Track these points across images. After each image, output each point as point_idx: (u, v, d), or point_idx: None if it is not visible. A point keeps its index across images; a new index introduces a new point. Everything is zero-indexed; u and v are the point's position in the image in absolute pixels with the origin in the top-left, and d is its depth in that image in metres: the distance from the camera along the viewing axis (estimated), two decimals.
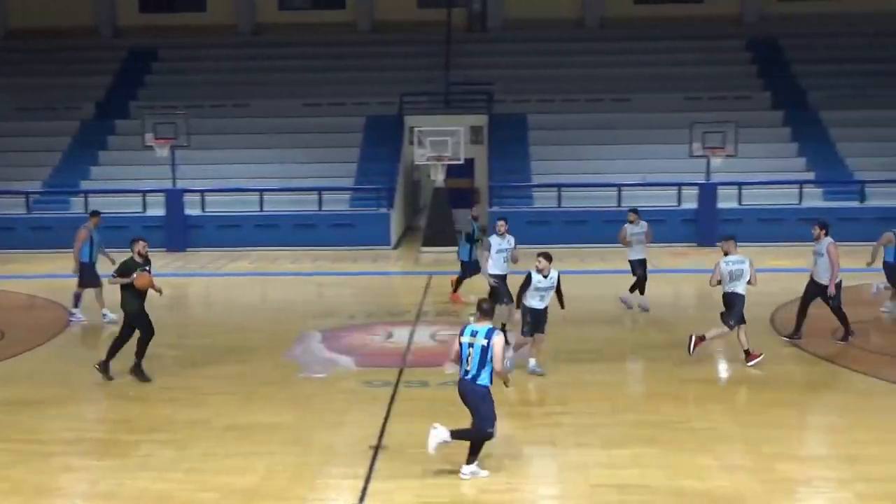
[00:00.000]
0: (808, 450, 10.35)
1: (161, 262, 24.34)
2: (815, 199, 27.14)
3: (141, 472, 9.65)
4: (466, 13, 35.88)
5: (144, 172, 28.39)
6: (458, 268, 19.14)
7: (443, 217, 26.62)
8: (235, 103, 32.25)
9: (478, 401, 9.37)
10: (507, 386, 10.03)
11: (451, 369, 10.12)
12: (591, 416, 11.43)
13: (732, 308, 13.59)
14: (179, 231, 26.94)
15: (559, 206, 26.99)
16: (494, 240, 15.63)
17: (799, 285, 15.52)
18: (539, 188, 27.92)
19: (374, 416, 11.37)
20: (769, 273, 21.65)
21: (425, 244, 26.52)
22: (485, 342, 9.29)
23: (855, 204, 26.77)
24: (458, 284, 19.11)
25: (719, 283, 13.72)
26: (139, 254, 13.11)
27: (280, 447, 10.36)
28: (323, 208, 27.42)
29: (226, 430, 10.96)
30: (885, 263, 16.34)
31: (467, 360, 9.36)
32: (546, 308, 13.09)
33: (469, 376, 9.38)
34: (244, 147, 30.40)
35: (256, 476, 9.51)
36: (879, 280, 16.81)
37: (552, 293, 13.00)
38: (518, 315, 13.53)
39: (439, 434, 9.39)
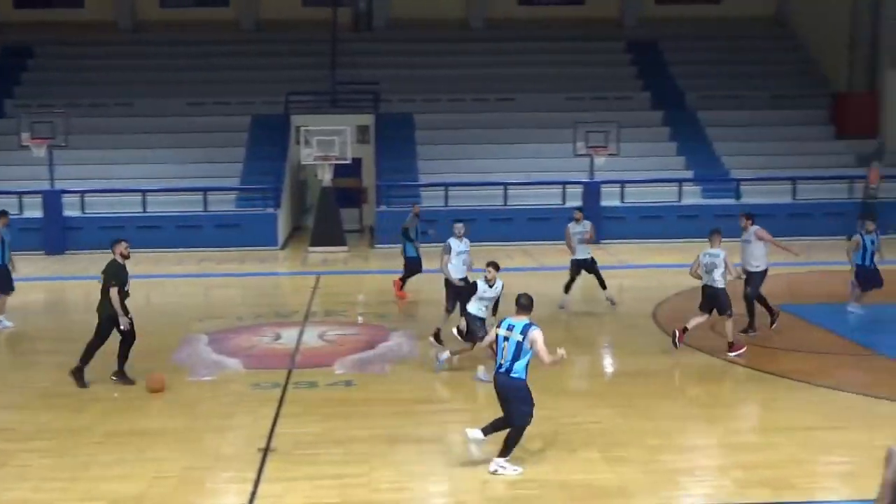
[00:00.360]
0: (691, 440, 10.66)
1: (39, 265, 23.65)
2: (693, 196, 27.93)
3: (19, 483, 9.36)
4: (352, 12, 35.77)
5: (21, 173, 27.48)
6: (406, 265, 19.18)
7: (330, 217, 26.51)
8: (117, 102, 31.46)
9: (512, 393, 9.55)
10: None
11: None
12: (480, 412, 11.50)
13: (717, 300, 14.01)
14: (57, 233, 26.17)
15: (446, 206, 27.15)
16: (454, 242, 15.16)
17: (680, 280, 15.97)
18: (426, 187, 28.04)
19: (263, 418, 11.27)
20: (651, 269, 22.28)
21: (313, 244, 26.37)
22: (520, 337, 9.45)
23: (731, 201, 27.63)
24: (403, 281, 19.12)
25: (699, 275, 14.18)
26: (122, 255, 12.76)
27: (166, 453, 10.17)
28: (208, 209, 26.98)
29: (109, 436, 10.71)
30: (857, 267, 16.66)
31: (502, 353, 9.55)
32: (485, 318, 12.86)
33: (503, 369, 9.55)
34: (126, 147, 29.69)
35: (143, 483, 9.32)
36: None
37: (493, 302, 12.85)
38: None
39: (474, 435, 9.68)
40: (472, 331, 12.72)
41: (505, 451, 9.55)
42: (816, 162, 29.42)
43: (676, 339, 14.15)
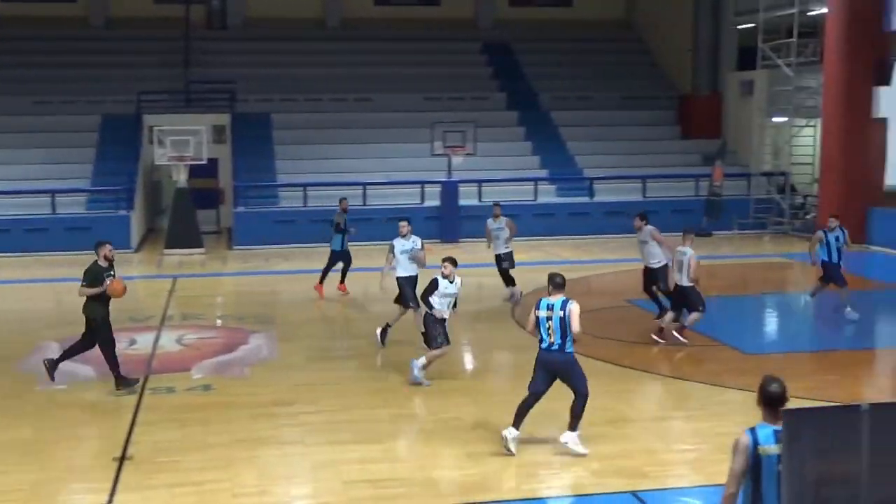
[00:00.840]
0: (549, 433, 10.90)
1: None
2: (549, 195, 28.53)
3: None
4: (205, 10, 35.08)
5: None
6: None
7: (186, 218, 25.96)
8: None
9: (571, 367, 9.93)
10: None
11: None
12: (342, 413, 11.56)
13: (688, 298, 14.45)
14: None
15: (305, 206, 26.97)
16: (398, 242, 15.02)
17: (535, 277, 16.28)
18: (285, 188, 27.80)
19: (119, 426, 10.99)
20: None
21: (168, 246, 25.78)
22: (562, 314, 9.82)
23: (585, 199, 28.36)
24: (324, 275, 19.07)
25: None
26: (105, 258, 12.31)
27: (16, 465, 9.82)
28: (57, 211, 26.06)
29: None
30: (822, 263, 16.46)
31: (549, 333, 9.88)
32: (447, 318, 12.69)
33: (556, 347, 9.89)
34: None
35: None
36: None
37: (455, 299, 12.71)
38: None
39: (511, 433, 10.00)
40: (432, 336, 12.54)
41: (574, 423, 10.01)
42: (664, 161, 30.50)
43: (658, 338, 14.64)
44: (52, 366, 12.63)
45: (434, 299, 12.48)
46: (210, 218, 29.44)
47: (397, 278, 14.90)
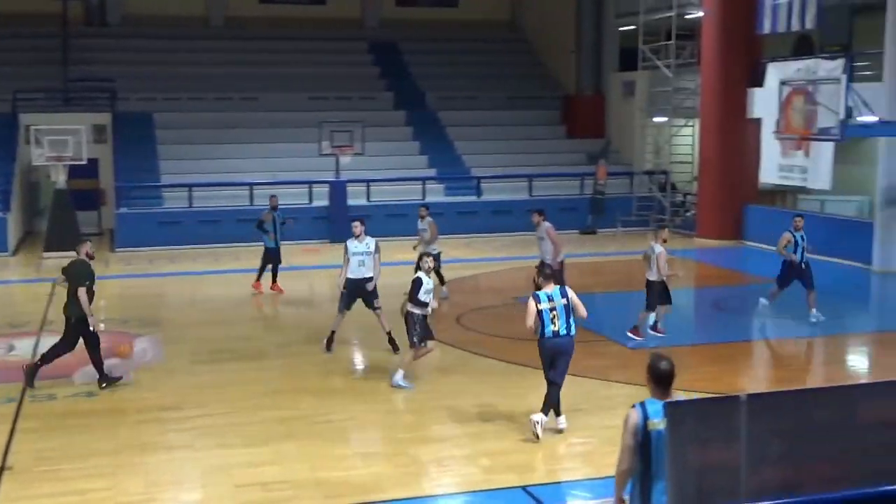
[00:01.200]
0: (438, 431, 11.00)
1: None
2: (437, 194, 28.64)
3: None
4: (83, 6, 34.14)
5: None
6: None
7: (66, 220, 25.20)
8: None
9: (571, 351, 10.60)
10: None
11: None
12: (231, 416, 11.43)
13: (649, 293, 14.84)
14: None
15: (191, 206, 26.50)
16: (350, 243, 14.56)
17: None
18: (169, 188, 27.26)
19: None
20: (397, 266, 22.65)
21: (47, 249, 24.98)
22: (564, 301, 10.37)
23: (473, 198, 28.60)
24: (260, 273, 19.14)
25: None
26: (87, 255, 12.23)
27: None
28: None
29: None
30: (788, 262, 16.25)
31: (554, 322, 10.35)
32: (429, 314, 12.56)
33: (564, 332, 10.39)
34: None
35: None
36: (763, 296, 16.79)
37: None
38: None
39: (540, 418, 10.43)
40: (418, 334, 12.40)
41: (546, 409, 10.58)
42: (550, 160, 30.96)
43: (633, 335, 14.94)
44: (32, 371, 12.48)
45: (423, 297, 12.36)
46: (91, 219, 28.67)
47: (347, 279, 14.50)
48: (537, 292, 10.52)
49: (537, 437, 10.38)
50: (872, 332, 15.45)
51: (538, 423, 10.44)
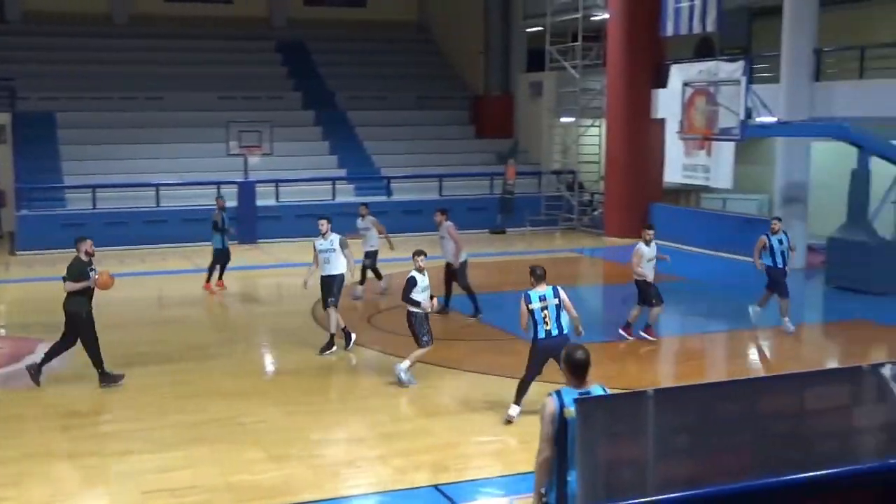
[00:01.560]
0: (351, 432, 10.99)
1: None
2: (347, 195, 28.55)
3: None
4: None
5: None
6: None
7: None
8: None
9: None
10: (579, 333, 10.84)
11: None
12: (139, 421, 11.24)
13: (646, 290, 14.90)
14: None
15: (95, 208, 25.92)
16: (317, 242, 14.76)
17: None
18: (72, 189, 26.63)
19: None
20: (308, 267, 22.51)
21: None
22: (556, 301, 10.53)
23: (383, 198, 28.57)
24: (209, 273, 19.24)
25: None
26: (87, 253, 12.14)
27: None
28: None
29: None
30: (767, 268, 15.83)
31: (545, 322, 10.49)
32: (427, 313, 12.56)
33: (556, 332, 10.51)
34: None
35: None
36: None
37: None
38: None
39: (514, 411, 10.80)
40: (419, 335, 12.44)
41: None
42: (459, 160, 31.13)
43: (625, 333, 15.08)
44: (36, 370, 12.46)
45: (417, 296, 12.36)
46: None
47: (321, 277, 14.65)
48: (528, 292, 10.67)
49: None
50: (774, 326, 15.87)
51: (514, 415, 10.91)
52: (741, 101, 18.04)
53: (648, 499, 3.46)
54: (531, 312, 10.59)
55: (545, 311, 10.55)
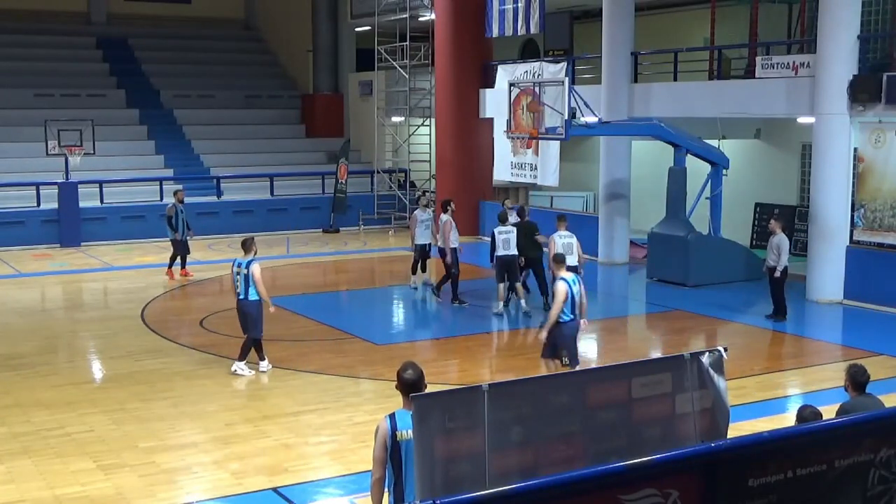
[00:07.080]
0: (185, 438, 10.77)
1: None
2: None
3: None
4: None
5: None
6: None
7: None
8: None
9: None
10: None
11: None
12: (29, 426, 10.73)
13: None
14: None
15: None
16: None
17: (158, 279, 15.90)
18: None
19: None
20: (136, 269, 21.92)
21: None
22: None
23: (213, 199, 28.03)
24: (171, 262, 20.24)
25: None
26: None
27: None
28: None
29: None
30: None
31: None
32: None
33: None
34: None
35: None
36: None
37: None
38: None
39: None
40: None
41: None
42: (291, 159, 30.89)
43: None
44: None
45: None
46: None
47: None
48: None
49: None
50: (601, 318, 16.44)
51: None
52: (565, 101, 18.55)
53: (486, 492, 3.57)
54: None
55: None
